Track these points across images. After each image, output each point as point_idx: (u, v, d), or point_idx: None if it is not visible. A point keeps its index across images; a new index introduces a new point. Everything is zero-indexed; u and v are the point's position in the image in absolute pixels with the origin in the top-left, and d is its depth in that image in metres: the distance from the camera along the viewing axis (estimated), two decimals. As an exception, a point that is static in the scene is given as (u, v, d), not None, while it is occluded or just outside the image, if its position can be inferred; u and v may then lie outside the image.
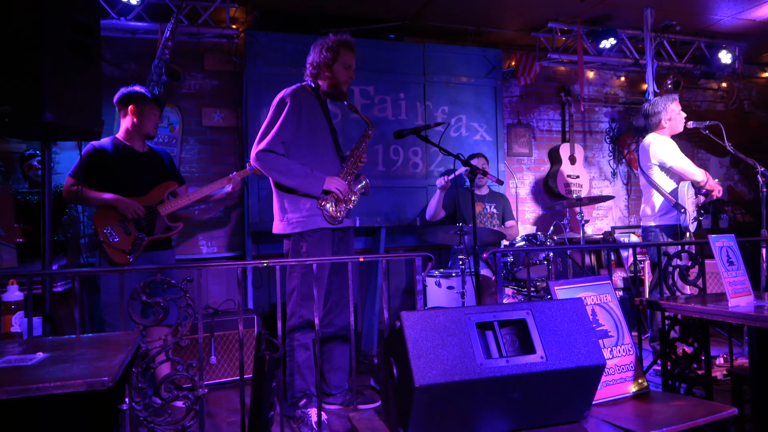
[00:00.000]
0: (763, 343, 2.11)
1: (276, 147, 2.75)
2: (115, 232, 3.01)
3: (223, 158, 4.42)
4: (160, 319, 1.85)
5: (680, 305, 2.21)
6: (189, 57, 4.35)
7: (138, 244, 3.04)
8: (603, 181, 5.79)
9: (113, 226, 3.01)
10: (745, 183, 6.34)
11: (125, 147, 3.17)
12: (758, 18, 4.97)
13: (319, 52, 2.90)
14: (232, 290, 4.29)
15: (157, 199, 3.17)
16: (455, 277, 3.50)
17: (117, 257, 2.99)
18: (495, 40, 5.16)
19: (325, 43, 2.89)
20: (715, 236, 2.17)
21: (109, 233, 3.00)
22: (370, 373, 3.68)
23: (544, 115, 5.56)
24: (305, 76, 2.99)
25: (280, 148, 2.76)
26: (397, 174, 4.51)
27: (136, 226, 3.06)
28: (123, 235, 3.03)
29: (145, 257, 3.09)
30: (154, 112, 3.21)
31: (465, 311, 1.72)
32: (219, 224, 4.41)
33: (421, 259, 2.24)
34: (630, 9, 4.70)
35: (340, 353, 3.01)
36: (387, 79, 4.51)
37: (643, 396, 2.11)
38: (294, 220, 2.80)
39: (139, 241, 3.04)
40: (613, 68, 5.66)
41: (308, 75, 2.97)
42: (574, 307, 1.82)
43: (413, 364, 1.56)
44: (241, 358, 2.16)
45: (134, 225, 3.06)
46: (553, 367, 1.67)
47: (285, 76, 4.20)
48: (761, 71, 6.46)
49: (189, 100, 4.36)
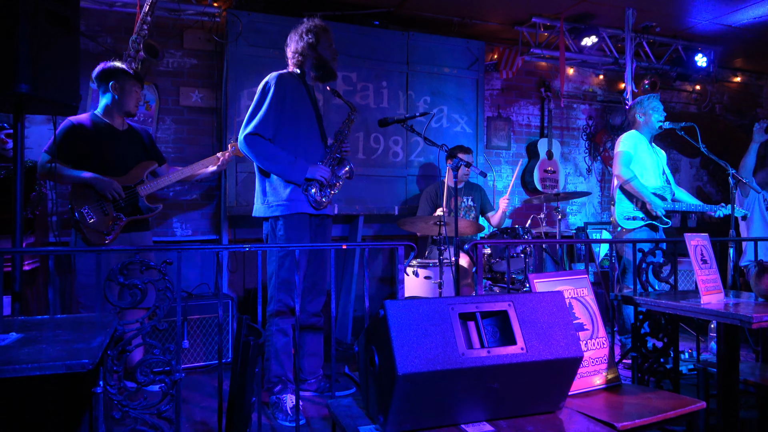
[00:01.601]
0: (731, 340, 2.18)
1: (263, 131, 2.76)
2: (93, 212, 2.93)
3: (199, 139, 4.34)
4: (137, 301, 1.81)
5: (654, 301, 2.27)
6: (168, 34, 4.23)
7: (116, 224, 2.96)
8: (578, 177, 5.88)
9: (91, 206, 2.93)
10: (713, 184, 6.53)
11: (105, 124, 3.08)
12: (734, 23, 5.08)
13: (298, 39, 2.93)
14: (206, 274, 4.23)
15: (136, 178, 3.10)
16: (433, 267, 3.52)
17: (94, 238, 2.92)
18: (479, 32, 5.16)
19: (302, 29, 2.93)
20: (690, 234, 2.22)
21: (86, 213, 2.91)
22: (344, 361, 3.68)
23: (523, 110, 5.61)
24: (289, 66, 3.00)
25: (268, 132, 2.77)
26: (377, 162, 4.49)
27: (115, 207, 2.99)
28: (101, 215, 2.95)
29: (122, 238, 3.02)
30: (136, 89, 3.12)
31: (448, 301, 1.72)
32: (194, 206, 4.33)
33: (404, 248, 2.24)
34: (612, 8, 4.75)
35: (312, 339, 3.02)
36: (370, 67, 4.47)
37: (615, 388, 2.17)
38: (274, 203, 2.81)
39: (118, 221, 2.97)
40: (592, 66, 5.73)
41: (293, 64, 2.98)
42: (555, 301, 1.84)
43: (396, 352, 1.56)
44: (219, 343, 2.13)
45: (112, 205, 2.98)
46: (533, 359, 1.69)
47: (267, 58, 4.13)
48: (733, 76, 6.63)
49: (166, 78, 4.25)
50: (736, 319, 1.91)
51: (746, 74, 6.73)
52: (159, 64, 4.20)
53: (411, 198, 4.59)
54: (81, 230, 2.92)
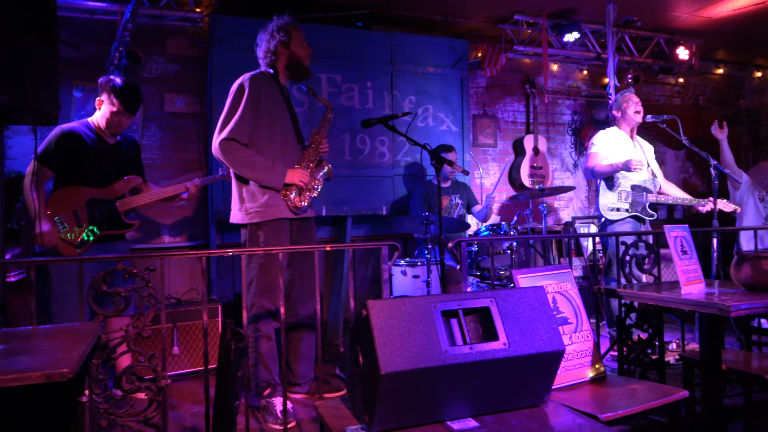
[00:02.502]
0: (712, 329, 2.21)
1: (239, 135, 2.68)
2: (67, 221, 2.87)
3: (186, 145, 4.33)
4: (121, 309, 1.81)
5: (637, 293, 2.29)
6: (151, 40, 4.22)
7: (88, 238, 2.89)
8: (565, 172, 5.92)
9: (66, 215, 2.87)
10: (699, 176, 6.59)
11: (95, 135, 3.02)
12: (714, 15, 5.14)
13: (269, 39, 2.86)
14: (195, 280, 4.23)
15: (117, 193, 3.03)
16: (421, 266, 3.53)
17: (64, 249, 2.85)
18: (462, 31, 5.19)
19: (272, 27, 2.87)
20: (669, 226, 2.25)
21: (59, 222, 2.85)
22: (336, 362, 3.69)
23: (509, 107, 5.64)
24: (261, 66, 2.92)
25: (243, 137, 2.70)
26: (364, 163, 4.51)
27: (90, 219, 2.93)
28: (74, 226, 2.88)
29: (96, 248, 2.95)
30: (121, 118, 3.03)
31: (430, 299, 1.74)
32: (182, 213, 4.32)
33: (388, 248, 2.26)
34: (593, 3, 4.79)
35: (306, 343, 3.00)
36: (354, 68, 4.49)
37: (600, 380, 2.19)
38: (252, 209, 2.75)
39: (89, 236, 2.89)
40: (576, 62, 5.77)
41: (266, 65, 2.90)
42: (536, 295, 1.86)
43: (379, 351, 1.57)
44: (205, 348, 2.13)
45: (88, 216, 2.92)
46: (515, 354, 1.71)
47: (251, 62, 4.07)
48: (716, 68, 6.70)
49: (150, 84, 4.24)
50: (716, 308, 1.94)
51: (728, 66, 6.79)
52: (142, 70, 4.19)
53: (399, 198, 4.61)
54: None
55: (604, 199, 3.72)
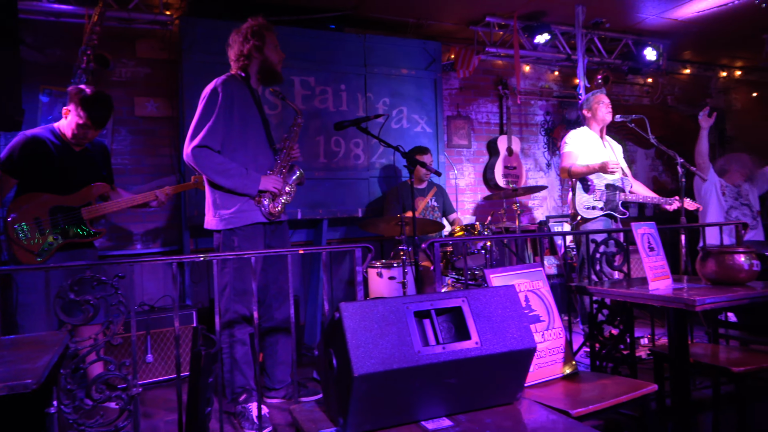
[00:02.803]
0: (680, 323, 2.26)
1: (211, 142, 2.64)
2: (29, 229, 2.77)
3: (158, 149, 4.27)
4: (89, 317, 1.78)
5: (606, 290, 2.34)
6: (120, 43, 4.16)
7: (50, 247, 2.80)
8: (538, 172, 6.00)
9: (28, 223, 2.78)
10: (668, 174, 6.74)
11: (61, 141, 2.94)
12: (680, 17, 5.26)
13: (242, 42, 2.81)
14: (169, 286, 4.17)
15: (84, 200, 2.95)
16: (396, 268, 3.54)
17: (24, 257, 2.76)
18: (435, 33, 5.22)
19: (245, 31, 2.82)
20: (636, 224, 2.30)
21: (19, 229, 2.75)
22: (314, 366, 3.68)
23: (482, 108, 5.69)
24: (233, 69, 2.88)
25: (216, 143, 2.66)
26: (339, 165, 4.50)
27: (53, 226, 2.84)
28: (35, 234, 2.79)
29: (60, 256, 2.87)
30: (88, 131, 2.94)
31: (403, 300, 1.75)
32: (154, 218, 4.26)
33: (361, 250, 2.26)
34: (563, 5, 4.87)
35: (283, 347, 2.99)
36: (328, 70, 4.48)
37: (572, 376, 2.23)
38: (226, 215, 2.72)
39: (51, 244, 2.80)
40: (547, 63, 5.86)
41: (238, 68, 2.86)
42: (507, 294, 1.89)
43: (352, 354, 1.58)
44: (177, 356, 2.11)
45: (51, 224, 2.83)
46: (487, 352, 1.73)
47: (224, 65, 4.02)
48: (683, 68, 6.86)
49: (120, 88, 4.18)
50: (682, 303, 1.98)
51: (695, 66, 6.96)
52: (112, 74, 4.13)
53: (375, 200, 4.61)
54: (11, 247, 2.75)
55: (580, 198, 3.78)
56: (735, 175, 4.43)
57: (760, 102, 7.57)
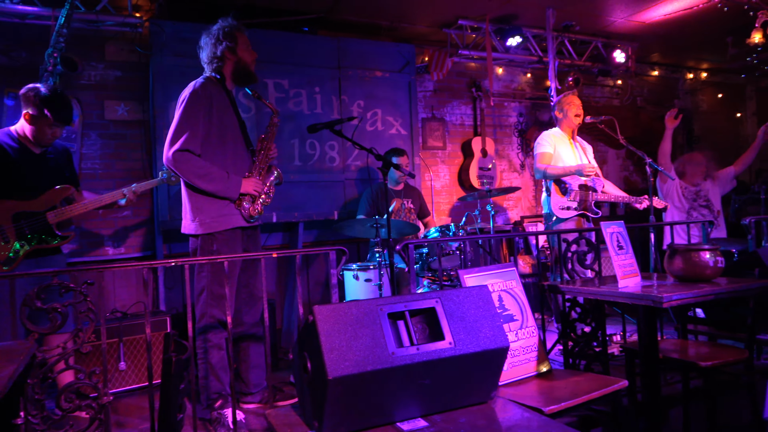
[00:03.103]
0: (649, 320, 2.31)
1: (192, 146, 2.62)
2: None
3: (129, 153, 4.20)
4: (57, 326, 1.74)
5: (578, 288, 2.38)
6: (88, 46, 4.08)
7: (16, 254, 2.72)
8: (512, 173, 6.07)
9: None
10: (639, 173, 6.88)
11: (20, 144, 2.86)
12: (647, 20, 5.39)
13: (215, 43, 2.80)
14: (142, 292, 4.10)
15: (47, 204, 2.86)
16: (372, 270, 3.55)
17: None
18: (408, 36, 5.25)
19: (217, 33, 2.80)
20: (606, 223, 2.34)
21: None
22: (290, 369, 3.66)
23: (456, 110, 5.74)
24: (207, 71, 2.87)
25: (196, 147, 2.64)
26: (314, 168, 4.49)
27: (18, 233, 2.75)
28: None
29: (27, 264, 2.78)
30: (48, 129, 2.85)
31: (377, 302, 1.75)
32: (126, 223, 4.19)
33: (335, 253, 2.26)
34: (533, 9, 4.94)
35: (255, 351, 2.97)
36: (302, 73, 4.47)
37: (546, 374, 2.26)
38: (206, 220, 2.70)
39: (17, 252, 2.72)
40: (519, 65, 5.93)
41: (212, 70, 2.85)
42: (481, 294, 1.90)
43: (326, 357, 1.58)
44: (149, 362, 2.08)
45: (15, 231, 2.74)
46: (461, 352, 1.74)
47: (195, 68, 3.98)
48: (651, 70, 7.01)
49: (89, 91, 4.10)
50: (649, 300, 2.03)
51: (663, 68, 7.13)
52: (80, 77, 4.05)
53: (350, 202, 4.61)
54: None
55: (555, 199, 3.84)
56: (692, 175, 4.52)
57: (726, 103, 7.79)
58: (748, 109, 7.97)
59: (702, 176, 4.54)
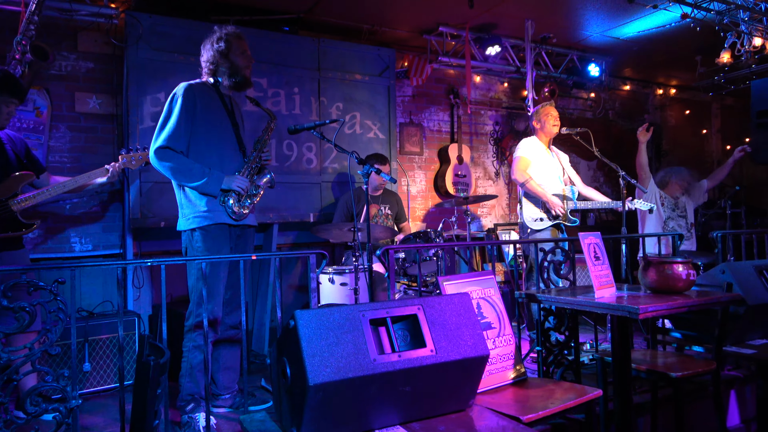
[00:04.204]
0: (623, 331, 2.35)
1: (174, 143, 2.69)
2: None
3: (99, 148, 4.08)
4: (25, 325, 1.67)
5: (555, 297, 2.40)
6: (60, 35, 3.96)
7: None
8: (487, 180, 6.12)
9: None
10: (609, 185, 7.03)
11: None
12: (622, 36, 5.52)
13: (210, 47, 2.88)
14: (109, 291, 3.97)
15: (8, 191, 2.76)
16: (348, 274, 3.52)
17: None
18: (388, 40, 5.25)
19: (214, 37, 2.88)
20: (583, 234, 2.38)
21: None
22: (261, 373, 3.60)
23: (434, 116, 5.76)
24: (203, 75, 2.92)
25: (180, 145, 2.70)
26: (291, 169, 4.44)
27: None
28: None
29: None
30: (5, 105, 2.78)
31: (359, 308, 1.74)
32: (94, 219, 4.06)
33: (316, 256, 2.23)
34: (513, 19, 5.01)
35: (229, 352, 2.93)
36: (281, 72, 4.42)
37: (521, 382, 2.27)
38: (191, 215, 2.74)
39: None
40: (497, 74, 6.00)
41: (206, 74, 2.91)
42: (462, 302, 1.91)
43: (307, 363, 1.55)
44: (121, 365, 2.01)
45: None
46: (442, 360, 1.74)
47: (171, 63, 3.97)
48: (623, 84, 7.19)
49: (59, 82, 3.97)
50: (625, 311, 2.06)
51: (634, 83, 7.31)
52: (50, 67, 3.91)
53: (327, 205, 4.57)
54: None
55: (527, 209, 3.88)
56: (674, 187, 4.64)
57: (692, 120, 8.04)
58: (713, 126, 8.24)
59: (682, 190, 4.67)
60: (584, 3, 4.67)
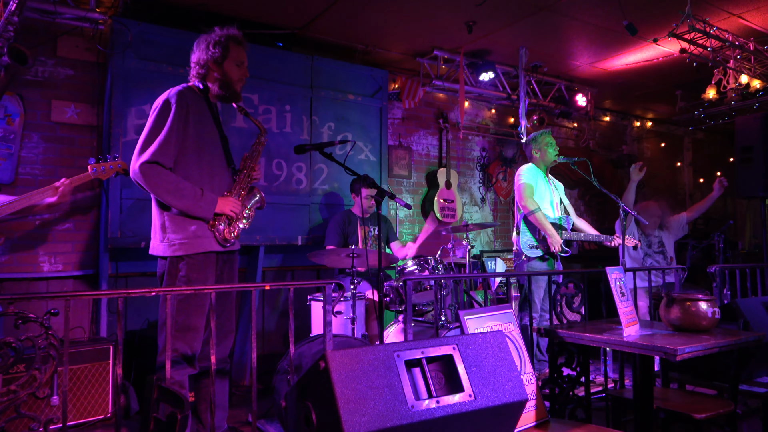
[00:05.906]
0: (646, 370, 2.25)
1: (163, 158, 2.35)
2: None
3: (76, 160, 3.81)
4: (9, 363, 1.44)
5: (578, 334, 2.29)
6: (38, 38, 3.71)
7: None
8: (474, 206, 6.05)
9: None
10: (590, 213, 7.06)
11: None
12: (609, 68, 5.58)
13: (205, 48, 2.56)
14: (78, 316, 3.67)
15: None
16: (344, 302, 3.34)
17: None
18: (381, 61, 5.16)
19: (211, 38, 2.57)
20: (610, 268, 2.28)
21: None
22: (245, 405, 3.36)
23: (423, 140, 5.68)
24: (191, 76, 2.62)
25: (168, 160, 2.37)
26: (280, 190, 4.25)
27: None
28: None
29: None
30: None
31: (392, 348, 1.58)
32: (66, 237, 3.77)
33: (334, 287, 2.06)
34: (507, 46, 5.00)
35: (219, 389, 2.66)
36: (273, 89, 4.26)
37: (544, 425, 2.13)
38: (176, 241, 2.40)
39: None
40: (486, 100, 5.98)
41: (194, 76, 2.60)
42: (497, 341, 1.77)
43: (342, 410, 1.38)
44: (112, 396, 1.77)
45: None
46: (482, 406, 1.59)
47: (159, 74, 3.76)
48: (604, 115, 7.30)
49: (35, 89, 3.71)
50: (661, 352, 1.96)
51: (614, 114, 7.44)
52: (26, 72, 3.65)
53: (315, 227, 4.39)
54: None
55: (524, 237, 3.80)
56: (646, 225, 4.54)
57: (667, 152, 8.22)
58: (685, 159, 8.44)
59: (655, 226, 4.62)
60: (580, 33, 4.69)
